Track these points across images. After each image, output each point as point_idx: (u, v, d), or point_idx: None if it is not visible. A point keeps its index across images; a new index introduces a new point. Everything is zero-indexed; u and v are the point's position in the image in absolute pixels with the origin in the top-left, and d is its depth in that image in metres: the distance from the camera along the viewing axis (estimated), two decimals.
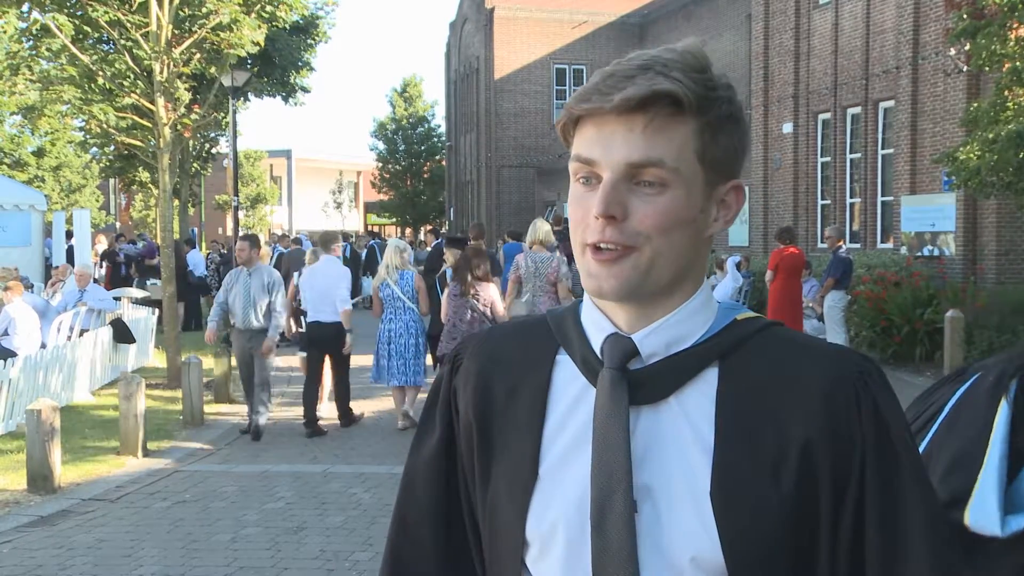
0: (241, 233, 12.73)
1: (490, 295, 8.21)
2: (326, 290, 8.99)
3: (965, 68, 13.30)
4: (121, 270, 19.70)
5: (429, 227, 37.98)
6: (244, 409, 10.38)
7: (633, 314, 1.13)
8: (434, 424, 1.28)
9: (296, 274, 10.51)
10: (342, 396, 9.39)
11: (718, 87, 1.09)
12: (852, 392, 1.07)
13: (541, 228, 8.73)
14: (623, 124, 1.06)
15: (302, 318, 9.83)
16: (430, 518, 1.27)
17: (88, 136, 21.59)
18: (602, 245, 1.07)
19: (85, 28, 12.12)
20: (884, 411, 1.08)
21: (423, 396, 9.25)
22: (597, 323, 1.16)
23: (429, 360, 9.70)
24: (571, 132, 1.12)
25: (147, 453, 8.21)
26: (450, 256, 9.32)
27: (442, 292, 9.03)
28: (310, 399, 9.21)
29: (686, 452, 1.08)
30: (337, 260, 9.44)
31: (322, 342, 9.04)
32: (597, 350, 1.14)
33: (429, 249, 17.52)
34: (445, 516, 1.27)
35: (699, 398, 1.10)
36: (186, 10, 11.69)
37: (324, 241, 9.56)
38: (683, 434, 1.09)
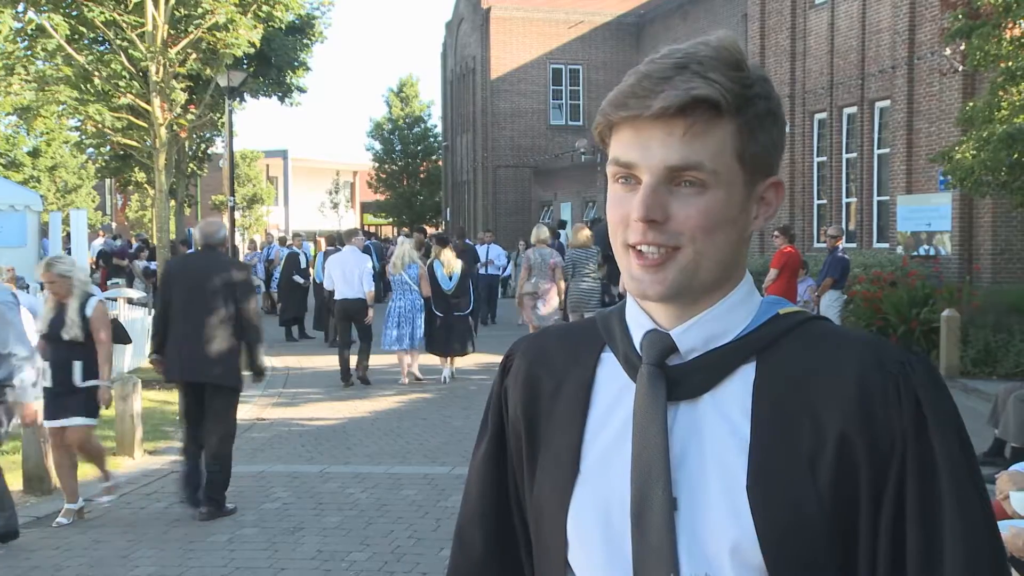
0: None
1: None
2: (351, 273, 11.42)
3: (960, 68, 13.32)
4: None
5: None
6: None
7: (673, 311, 1.12)
8: (487, 426, 1.29)
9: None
10: (364, 359, 11.70)
11: (754, 83, 1.08)
12: (892, 386, 1.05)
13: (542, 231, 11.96)
14: (662, 128, 1.05)
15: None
16: (480, 520, 1.28)
17: (84, 136, 21.59)
18: (644, 248, 1.07)
19: (81, 28, 12.11)
20: (925, 406, 1.05)
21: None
22: (638, 320, 1.16)
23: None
24: (608, 135, 1.11)
25: (144, 453, 8.20)
26: (436, 249, 12.01)
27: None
28: (343, 359, 11.65)
29: (723, 448, 1.08)
30: (357, 250, 11.84)
31: (349, 313, 11.49)
32: (638, 347, 1.15)
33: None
34: (495, 518, 1.27)
35: (737, 393, 1.10)
36: (182, 10, 11.68)
37: (347, 234, 12.46)
38: (720, 430, 1.09)
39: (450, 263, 11.66)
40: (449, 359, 11.85)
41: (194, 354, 6.18)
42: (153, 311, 13.72)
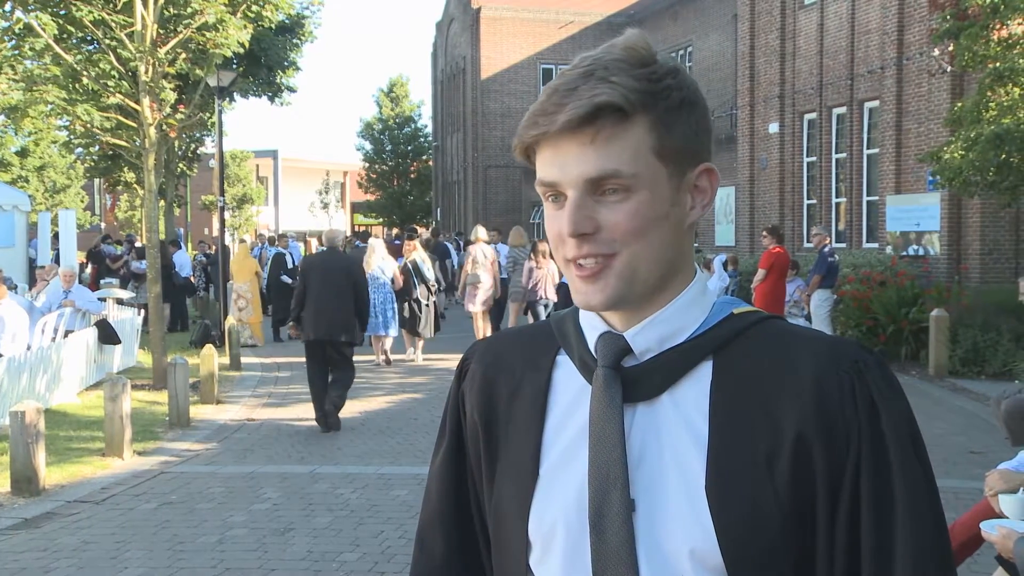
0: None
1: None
2: None
3: (949, 68, 13.39)
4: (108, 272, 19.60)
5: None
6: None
7: (625, 313, 1.12)
8: (445, 429, 1.29)
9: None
10: None
11: (664, 76, 1.07)
12: (847, 386, 1.06)
13: (481, 231, 14.47)
14: (574, 141, 1.05)
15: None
16: (440, 522, 1.28)
17: (72, 136, 21.48)
18: (581, 261, 1.07)
19: (69, 27, 12.04)
20: (879, 402, 1.06)
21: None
22: (592, 323, 1.15)
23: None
24: (532, 154, 1.11)
25: (133, 454, 8.17)
26: (408, 246, 13.63)
27: (415, 277, 13.29)
28: None
29: (682, 448, 1.07)
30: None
31: None
32: (593, 349, 1.14)
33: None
34: (455, 520, 1.27)
35: (694, 393, 1.09)
36: (171, 10, 11.63)
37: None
38: (678, 430, 1.08)
39: (426, 258, 13.80)
40: (418, 341, 13.73)
41: (325, 321, 8.78)
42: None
